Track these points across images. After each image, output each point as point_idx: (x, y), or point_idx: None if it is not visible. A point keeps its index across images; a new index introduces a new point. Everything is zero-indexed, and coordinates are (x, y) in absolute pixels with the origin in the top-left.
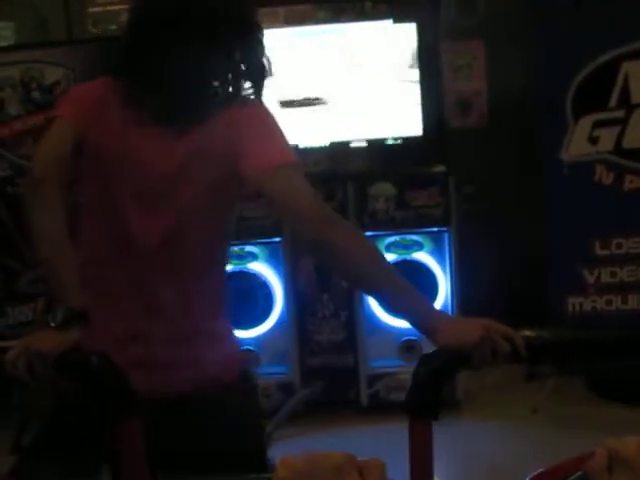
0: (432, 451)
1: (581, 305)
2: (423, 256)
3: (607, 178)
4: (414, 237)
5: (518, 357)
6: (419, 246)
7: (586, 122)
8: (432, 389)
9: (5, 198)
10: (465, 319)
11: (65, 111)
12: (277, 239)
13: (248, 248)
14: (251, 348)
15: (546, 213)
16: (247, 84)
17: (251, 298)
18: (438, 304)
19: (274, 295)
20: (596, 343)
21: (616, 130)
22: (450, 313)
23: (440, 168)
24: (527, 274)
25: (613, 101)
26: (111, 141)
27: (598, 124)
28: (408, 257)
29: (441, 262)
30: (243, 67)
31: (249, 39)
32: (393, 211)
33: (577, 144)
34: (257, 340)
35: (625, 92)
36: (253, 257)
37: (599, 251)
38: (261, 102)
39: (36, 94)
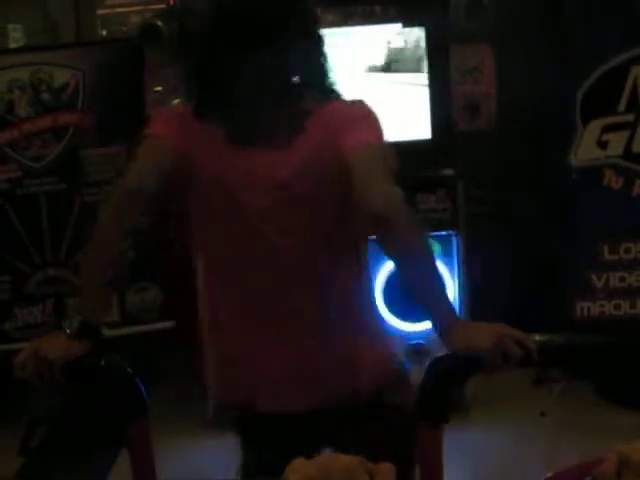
0: (442, 454)
1: (589, 310)
2: None
3: (616, 183)
4: None
5: (530, 361)
6: None
7: (595, 126)
8: (442, 393)
9: (14, 200)
10: (478, 324)
11: (160, 130)
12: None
13: None
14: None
15: (555, 217)
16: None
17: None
18: None
19: None
20: (608, 348)
21: (625, 134)
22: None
23: (449, 171)
24: (535, 278)
25: (622, 105)
26: (219, 158)
27: (607, 128)
28: None
29: (449, 266)
30: (319, 65)
31: (318, 37)
32: None
33: (586, 148)
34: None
35: (634, 96)
36: None
37: (608, 256)
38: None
39: (45, 96)
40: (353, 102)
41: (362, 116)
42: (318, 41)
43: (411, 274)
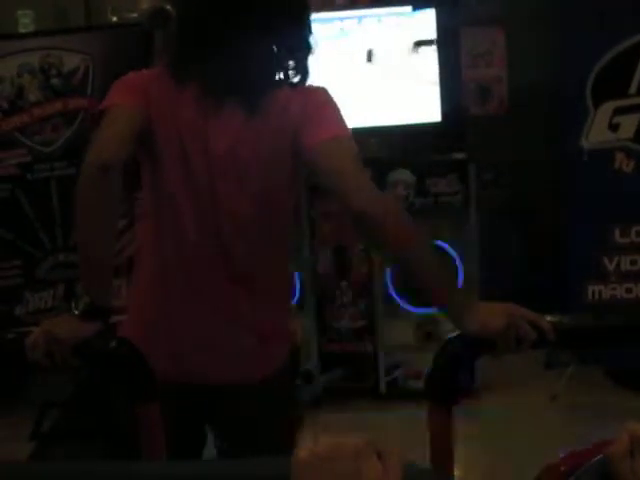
0: (452, 435)
1: (601, 293)
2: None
3: (627, 166)
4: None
5: (544, 342)
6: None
7: (606, 109)
8: (453, 375)
9: (25, 184)
10: (490, 305)
11: (123, 99)
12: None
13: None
14: None
15: (566, 200)
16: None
17: None
18: None
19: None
20: (623, 328)
21: (637, 117)
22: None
23: (460, 155)
24: (547, 261)
25: (633, 88)
26: (183, 123)
27: (618, 111)
28: None
29: (461, 249)
30: (297, 46)
31: (302, 17)
32: (412, 198)
33: (597, 131)
34: None
35: None
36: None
37: (619, 239)
38: (318, 86)
39: (55, 81)
40: (316, 89)
41: (326, 107)
42: (301, 21)
43: (412, 265)
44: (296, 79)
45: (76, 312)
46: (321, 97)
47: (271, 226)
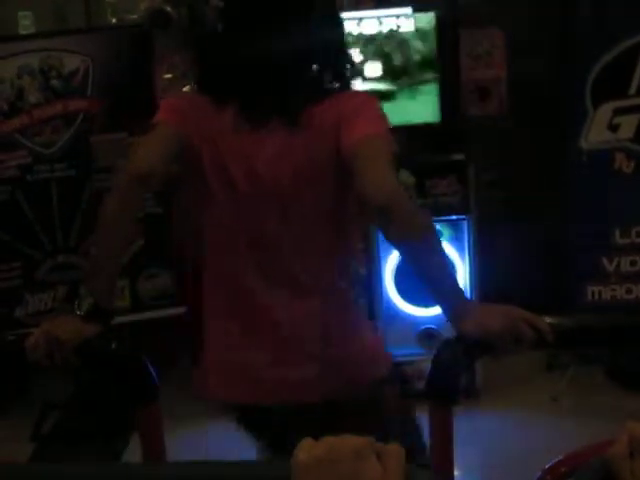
0: (452, 435)
1: (600, 293)
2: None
3: (627, 166)
4: None
5: (543, 343)
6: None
7: (606, 109)
8: (452, 375)
9: (25, 186)
10: (488, 306)
11: (167, 117)
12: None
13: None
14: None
15: (566, 201)
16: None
17: None
18: None
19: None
20: (622, 328)
21: (636, 118)
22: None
23: (459, 156)
24: (547, 262)
25: (633, 88)
26: (224, 144)
27: (618, 111)
28: None
29: (460, 250)
30: (335, 54)
31: (337, 25)
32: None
33: (597, 132)
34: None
35: None
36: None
37: (619, 239)
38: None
39: (55, 82)
40: (356, 93)
41: (363, 108)
42: (334, 25)
43: (416, 262)
44: (336, 86)
45: (79, 312)
46: (356, 99)
47: (322, 239)
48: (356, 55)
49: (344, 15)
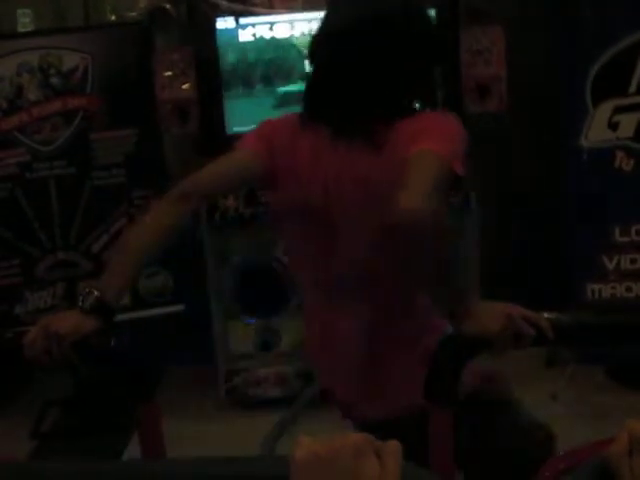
0: (452, 434)
1: (600, 292)
2: None
3: (627, 165)
4: None
5: (543, 340)
6: None
7: (606, 108)
8: (451, 375)
9: (24, 184)
10: (488, 305)
11: (249, 144)
12: None
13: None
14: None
15: (566, 199)
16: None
17: (269, 285)
18: None
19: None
20: (622, 327)
21: (636, 116)
22: None
23: None
24: (546, 260)
25: (633, 87)
26: (310, 167)
27: (618, 110)
28: None
29: (460, 248)
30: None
31: (435, 48)
32: None
33: (597, 130)
34: (277, 327)
35: None
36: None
37: (619, 238)
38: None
39: (54, 80)
40: (439, 114)
41: (437, 126)
42: (430, 50)
43: (415, 270)
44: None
45: (81, 305)
46: (438, 117)
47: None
48: None
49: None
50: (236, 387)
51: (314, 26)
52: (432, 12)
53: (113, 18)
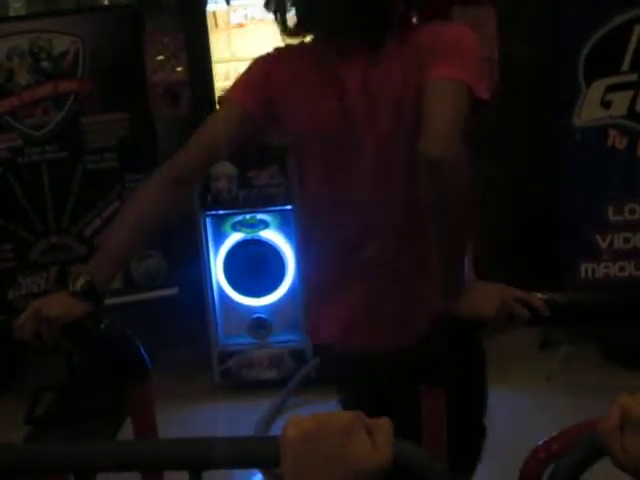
0: (445, 416)
1: (594, 271)
2: None
3: (620, 143)
4: None
5: (537, 320)
6: None
7: (599, 86)
8: (444, 356)
9: (16, 169)
10: (482, 287)
11: (241, 96)
12: (288, 207)
13: (260, 216)
14: (263, 316)
15: (559, 178)
16: None
17: (263, 266)
18: None
19: (286, 263)
20: (616, 306)
21: (629, 94)
22: None
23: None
24: (540, 240)
25: (626, 65)
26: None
27: (611, 88)
28: None
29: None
30: None
31: None
32: None
33: (589, 108)
34: (269, 308)
35: (638, 55)
36: (265, 225)
37: (612, 217)
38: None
39: (45, 64)
40: (453, 26)
41: (453, 43)
42: None
43: (437, 222)
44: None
45: (71, 289)
46: (456, 32)
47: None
48: None
49: None
50: (230, 369)
51: None
52: None
53: (104, 1)
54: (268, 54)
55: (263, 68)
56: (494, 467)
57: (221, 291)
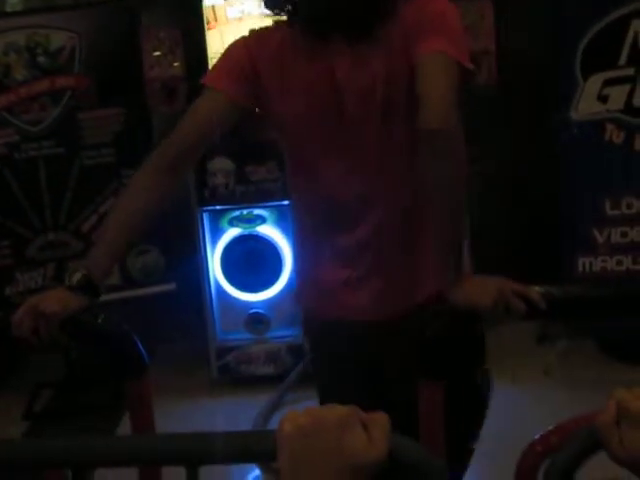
0: (442, 410)
1: (591, 265)
2: None
3: (617, 137)
4: None
5: (535, 313)
6: None
7: (596, 80)
8: (442, 350)
9: (13, 164)
10: (479, 280)
11: (223, 83)
12: (285, 202)
13: (257, 211)
14: (261, 311)
15: (556, 172)
16: None
17: (260, 261)
18: None
19: (283, 258)
20: (613, 299)
21: (626, 88)
22: None
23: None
24: (536, 234)
25: (623, 59)
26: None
27: (608, 82)
28: None
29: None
30: None
31: None
32: None
33: (587, 103)
34: (267, 303)
35: (635, 50)
36: (262, 220)
37: (609, 211)
38: None
39: (42, 59)
40: (439, 2)
41: (439, 17)
42: None
43: (434, 200)
44: None
45: (67, 284)
46: (439, 6)
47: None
48: None
49: None
50: (228, 364)
51: None
52: None
53: None
54: (244, 38)
55: (245, 53)
56: (491, 461)
57: (218, 286)
